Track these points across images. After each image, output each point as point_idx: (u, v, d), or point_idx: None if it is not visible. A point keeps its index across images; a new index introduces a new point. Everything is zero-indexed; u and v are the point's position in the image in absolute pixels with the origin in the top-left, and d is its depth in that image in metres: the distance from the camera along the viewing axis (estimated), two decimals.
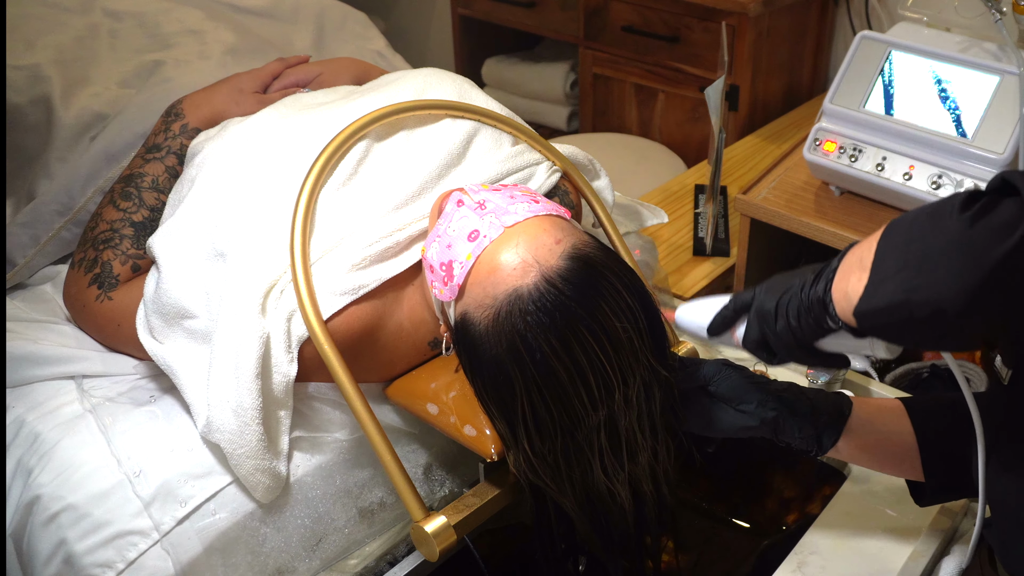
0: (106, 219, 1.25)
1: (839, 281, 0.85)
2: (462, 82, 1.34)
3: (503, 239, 1.00)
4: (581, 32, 2.49)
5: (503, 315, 0.96)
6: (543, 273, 0.97)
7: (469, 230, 1.02)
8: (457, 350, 1.05)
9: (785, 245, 1.73)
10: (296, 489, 1.14)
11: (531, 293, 0.96)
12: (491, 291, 0.98)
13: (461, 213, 1.04)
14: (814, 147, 1.55)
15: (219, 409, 1.07)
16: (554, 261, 0.98)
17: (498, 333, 0.97)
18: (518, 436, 1.00)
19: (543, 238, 0.99)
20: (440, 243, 1.04)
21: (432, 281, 1.05)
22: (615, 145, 2.45)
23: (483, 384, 1.01)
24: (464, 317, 1.01)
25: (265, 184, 1.14)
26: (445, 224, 1.05)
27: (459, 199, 1.06)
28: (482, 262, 0.99)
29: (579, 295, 0.96)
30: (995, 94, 1.40)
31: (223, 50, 1.63)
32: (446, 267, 1.02)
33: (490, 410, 1.02)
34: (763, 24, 2.19)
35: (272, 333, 1.07)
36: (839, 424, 1.05)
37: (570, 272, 0.97)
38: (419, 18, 3.24)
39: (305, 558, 1.15)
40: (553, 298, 0.95)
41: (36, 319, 1.28)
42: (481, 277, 0.99)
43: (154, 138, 1.30)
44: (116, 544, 1.07)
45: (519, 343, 0.95)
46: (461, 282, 1.00)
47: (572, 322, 0.95)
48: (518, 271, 0.97)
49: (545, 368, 0.95)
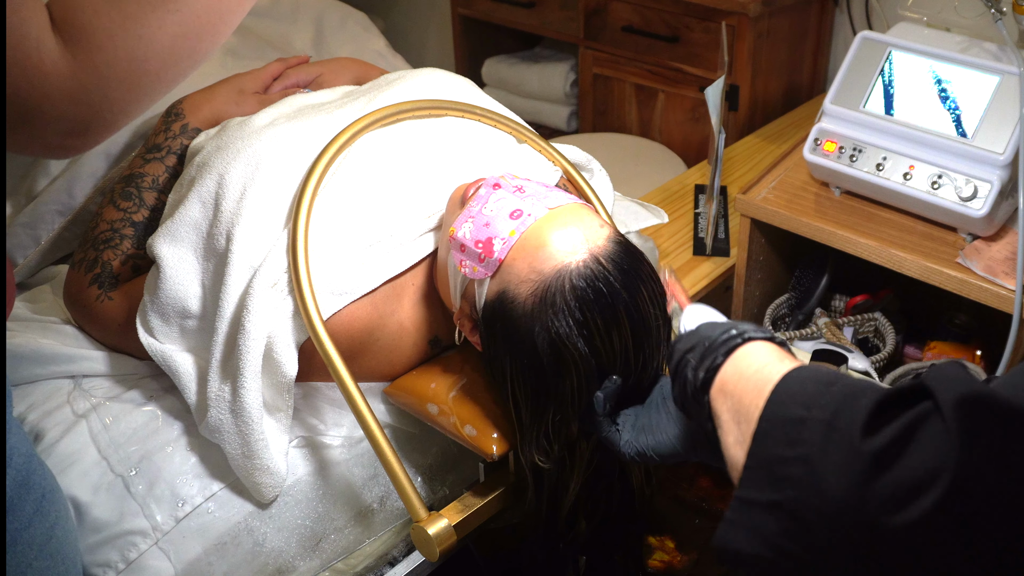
0: (106, 219, 1.25)
1: (723, 413, 0.76)
2: (462, 82, 1.35)
3: (549, 218, 1.02)
4: (581, 32, 2.49)
5: (551, 290, 0.98)
6: (592, 252, 0.99)
7: (511, 209, 1.03)
8: (486, 330, 1.05)
9: (785, 245, 1.73)
10: (296, 489, 1.14)
11: (581, 270, 0.98)
12: (537, 266, 0.99)
13: (499, 195, 1.06)
14: (814, 147, 1.55)
15: (219, 409, 1.07)
16: (602, 243, 1.01)
17: (542, 308, 0.98)
18: (543, 415, 1.01)
19: (588, 220, 1.02)
20: (475, 222, 1.05)
21: (462, 260, 1.05)
22: (615, 145, 2.45)
23: (514, 362, 1.01)
24: (502, 294, 1.01)
25: (265, 184, 1.14)
26: (479, 205, 1.06)
27: (496, 183, 1.08)
28: (527, 238, 1.01)
29: (624, 277, 0.99)
30: (995, 94, 1.40)
31: (223, 50, 1.63)
32: (483, 244, 1.03)
33: (515, 390, 1.03)
34: (763, 24, 2.19)
35: (272, 333, 1.07)
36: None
37: (616, 254, 1.00)
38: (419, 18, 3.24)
39: (305, 558, 1.15)
40: (603, 277, 0.98)
41: (36, 319, 1.28)
42: (526, 253, 1.00)
43: (154, 138, 1.30)
44: (116, 544, 1.07)
45: (566, 319, 0.97)
46: (503, 257, 1.01)
47: (616, 302, 0.98)
48: (567, 248, 0.99)
49: (588, 345, 0.98)
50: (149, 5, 0.73)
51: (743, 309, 1.74)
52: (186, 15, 0.75)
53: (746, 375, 0.76)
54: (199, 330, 1.14)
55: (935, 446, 0.58)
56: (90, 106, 0.73)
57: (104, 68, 0.72)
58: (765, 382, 0.72)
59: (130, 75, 0.74)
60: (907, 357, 1.74)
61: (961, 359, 1.62)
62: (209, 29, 0.77)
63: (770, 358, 0.77)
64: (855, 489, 0.60)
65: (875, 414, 0.62)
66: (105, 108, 0.74)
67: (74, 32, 0.71)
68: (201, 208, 1.15)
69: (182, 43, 0.76)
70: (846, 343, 1.63)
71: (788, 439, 0.65)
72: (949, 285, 1.43)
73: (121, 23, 0.72)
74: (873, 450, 0.60)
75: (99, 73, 0.72)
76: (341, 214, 1.13)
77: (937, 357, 1.65)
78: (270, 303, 1.07)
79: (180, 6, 0.74)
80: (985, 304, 1.41)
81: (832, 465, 0.61)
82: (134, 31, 0.73)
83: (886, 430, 0.60)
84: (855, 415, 0.62)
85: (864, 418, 0.62)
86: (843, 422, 0.63)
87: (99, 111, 0.74)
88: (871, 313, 1.71)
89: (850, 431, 0.62)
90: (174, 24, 0.74)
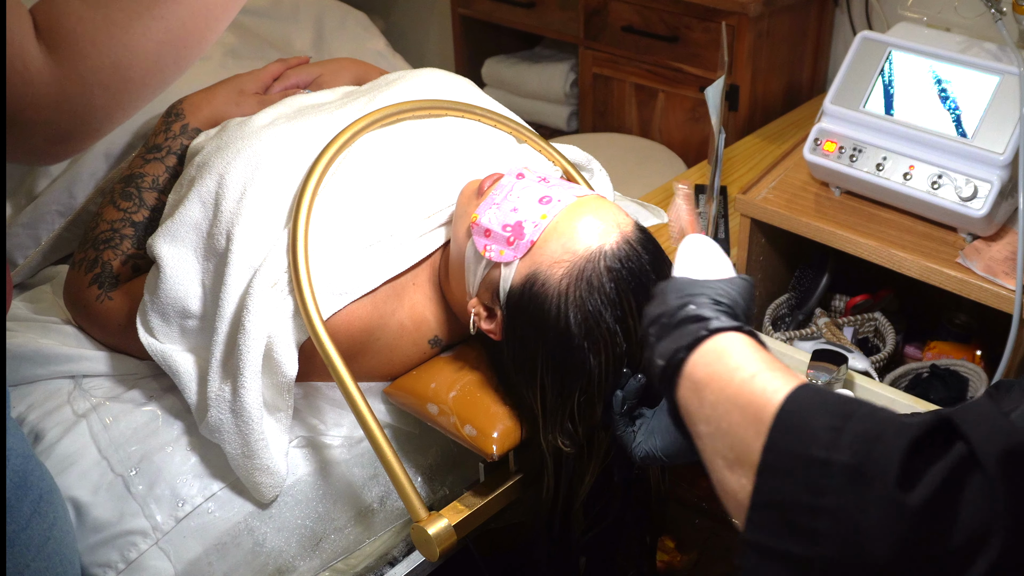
0: (106, 219, 1.25)
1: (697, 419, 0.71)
2: (462, 82, 1.35)
3: (579, 204, 1.06)
4: (581, 32, 2.49)
5: (586, 270, 1.01)
6: (624, 236, 1.03)
7: (539, 196, 1.07)
8: (510, 313, 1.06)
9: (785, 245, 1.73)
10: (296, 489, 1.14)
11: (616, 251, 1.02)
12: (571, 247, 1.02)
13: (524, 184, 1.09)
14: (814, 147, 1.55)
15: (219, 409, 1.07)
16: (630, 229, 1.05)
17: (576, 287, 1.01)
18: (570, 396, 1.03)
19: (615, 208, 1.07)
20: (501, 208, 1.07)
21: (486, 246, 1.07)
22: (615, 145, 2.45)
23: (543, 343, 1.03)
24: (532, 275, 1.03)
25: (265, 184, 1.14)
26: (503, 193, 1.09)
27: (519, 173, 1.11)
28: (560, 221, 1.04)
29: (653, 260, 1.04)
30: (995, 94, 1.40)
31: (223, 51, 1.63)
32: (512, 227, 1.05)
33: (543, 373, 1.04)
34: (763, 24, 2.19)
35: (272, 332, 1.07)
36: None
37: (645, 240, 1.05)
38: (419, 18, 3.24)
39: (305, 558, 1.15)
40: (636, 258, 1.02)
41: (36, 319, 1.28)
42: (559, 235, 1.03)
43: (154, 138, 1.30)
44: (116, 544, 1.07)
45: (601, 296, 1.01)
46: (535, 239, 1.04)
47: (647, 285, 1.01)
48: (601, 231, 1.03)
49: (621, 325, 1.01)
50: (134, 12, 0.73)
51: None
52: (171, 22, 0.74)
53: (723, 380, 0.70)
54: (199, 330, 1.14)
55: (982, 505, 0.55)
56: (74, 113, 0.73)
57: (88, 75, 0.72)
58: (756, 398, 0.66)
59: (114, 82, 0.73)
60: (907, 357, 1.74)
61: (961, 359, 1.62)
62: (195, 36, 0.77)
63: (747, 359, 0.70)
64: (902, 550, 0.56)
65: (907, 459, 0.58)
66: (89, 115, 0.74)
67: (58, 39, 0.70)
68: (201, 208, 1.15)
69: (167, 50, 0.75)
70: (846, 343, 1.63)
71: (809, 485, 0.60)
72: (949, 285, 1.43)
73: (106, 30, 0.72)
74: (915, 507, 0.56)
75: (83, 80, 0.72)
76: (341, 214, 1.13)
77: (937, 357, 1.65)
78: (270, 303, 1.07)
79: (165, 13, 0.74)
80: (985, 304, 1.41)
81: (873, 523, 0.57)
82: (119, 38, 0.72)
83: (925, 481, 0.57)
84: (886, 463, 0.58)
85: (897, 467, 0.58)
86: (874, 470, 0.58)
87: (83, 118, 0.74)
88: (871, 313, 1.71)
89: (884, 482, 0.57)
90: (159, 31, 0.74)
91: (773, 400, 0.65)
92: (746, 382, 0.68)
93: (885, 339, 1.67)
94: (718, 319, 0.75)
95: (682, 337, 0.74)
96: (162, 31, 0.74)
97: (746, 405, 0.67)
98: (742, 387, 0.68)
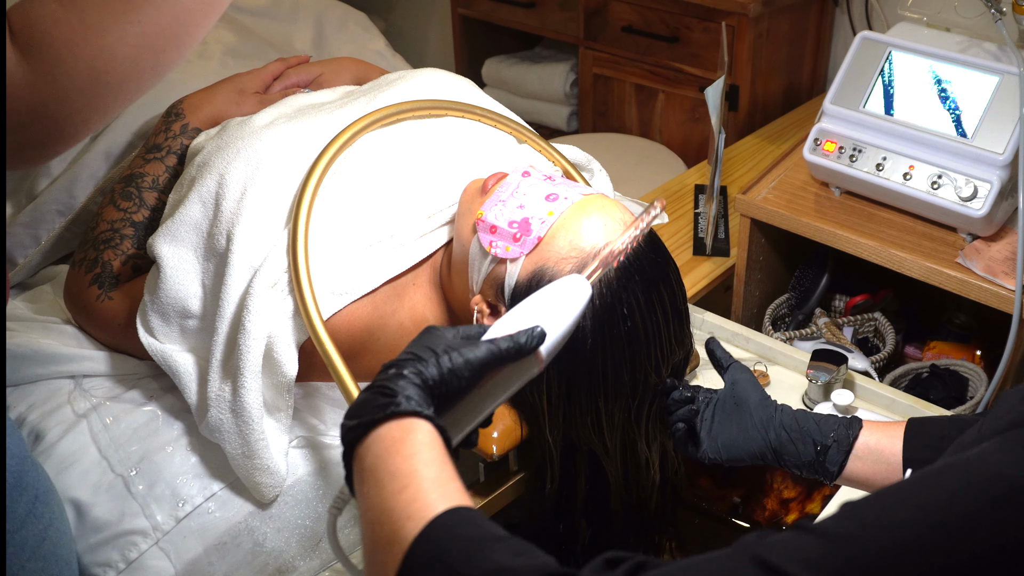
0: (107, 219, 1.25)
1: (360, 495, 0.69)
2: (462, 82, 1.35)
3: (585, 201, 1.07)
4: (581, 32, 2.49)
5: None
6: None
7: (546, 193, 1.08)
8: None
9: (785, 245, 1.73)
10: (296, 489, 1.14)
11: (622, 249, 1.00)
12: (579, 243, 1.03)
13: (530, 182, 1.10)
14: (814, 147, 1.55)
15: (219, 409, 1.07)
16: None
17: None
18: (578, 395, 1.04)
19: (620, 207, 1.07)
20: (507, 205, 1.08)
21: (492, 242, 1.07)
22: (615, 145, 2.45)
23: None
24: (538, 271, 1.04)
25: (266, 184, 1.14)
26: (509, 190, 1.09)
27: (525, 171, 1.12)
28: (567, 218, 1.05)
29: (661, 257, 1.05)
30: (995, 94, 1.40)
31: (223, 50, 1.63)
32: (519, 224, 1.06)
33: (550, 371, 1.04)
34: (763, 24, 2.19)
35: (272, 333, 1.07)
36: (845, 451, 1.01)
37: (652, 237, 1.06)
38: (419, 18, 3.24)
39: (305, 558, 1.15)
40: (643, 254, 1.02)
41: (36, 319, 1.28)
42: (566, 231, 1.04)
43: (154, 138, 1.30)
44: (116, 544, 1.07)
45: (609, 293, 1.01)
46: (542, 235, 1.04)
47: (656, 280, 1.02)
48: (608, 228, 1.04)
49: (630, 320, 1.01)
50: (111, 16, 0.71)
51: (743, 309, 1.74)
52: (148, 27, 0.73)
53: (379, 483, 0.66)
54: (199, 330, 1.14)
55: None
56: (50, 117, 0.72)
57: (64, 79, 0.70)
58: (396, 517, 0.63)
59: (90, 86, 0.72)
60: (907, 357, 1.75)
61: (961, 359, 1.63)
62: (173, 41, 0.75)
63: (410, 461, 0.66)
64: None
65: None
66: (65, 120, 0.72)
67: (33, 43, 0.69)
68: (201, 208, 1.15)
69: (145, 55, 0.74)
70: (846, 343, 1.63)
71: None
72: (949, 285, 1.44)
73: (82, 34, 0.70)
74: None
75: (58, 84, 0.70)
76: (341, 214, 1.13)
77: (937, 357, 1.66)
78: (270, 303, 1.07)
79: (142, 17, 0.72)
80: (985, 304, 1.41)
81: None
82: (95, 42, 0.71)
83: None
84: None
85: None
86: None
87: (59, 122, 0.72)
88: (871, 313, 1.71)
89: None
90: (136, 36, 0.72)
91: (418, 502, 0.64)
92: (394, 495, 0.65)
93: (885, 339, 1.67)
94: (406, 400, 0.70)
95: (367, 410, 0.71)
96: (139, 35, 0.73)
97: (388, 522, 0.64)
98: (394, 478, 0.66)
